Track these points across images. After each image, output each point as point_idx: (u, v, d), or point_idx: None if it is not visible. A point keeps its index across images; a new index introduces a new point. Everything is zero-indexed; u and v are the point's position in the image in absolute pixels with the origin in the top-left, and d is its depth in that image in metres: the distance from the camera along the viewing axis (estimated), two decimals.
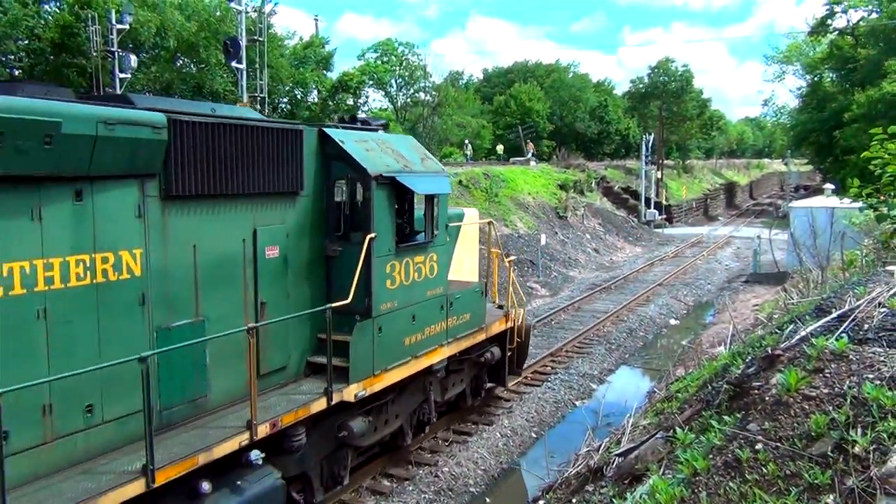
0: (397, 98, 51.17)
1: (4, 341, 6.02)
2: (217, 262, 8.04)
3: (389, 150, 10.25)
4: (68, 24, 28.44)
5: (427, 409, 11.82)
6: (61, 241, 6.43)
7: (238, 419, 7.74)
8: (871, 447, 3.89)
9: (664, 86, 67.06)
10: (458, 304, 11.58)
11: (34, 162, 6.05)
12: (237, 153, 8.03)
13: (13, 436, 5.93)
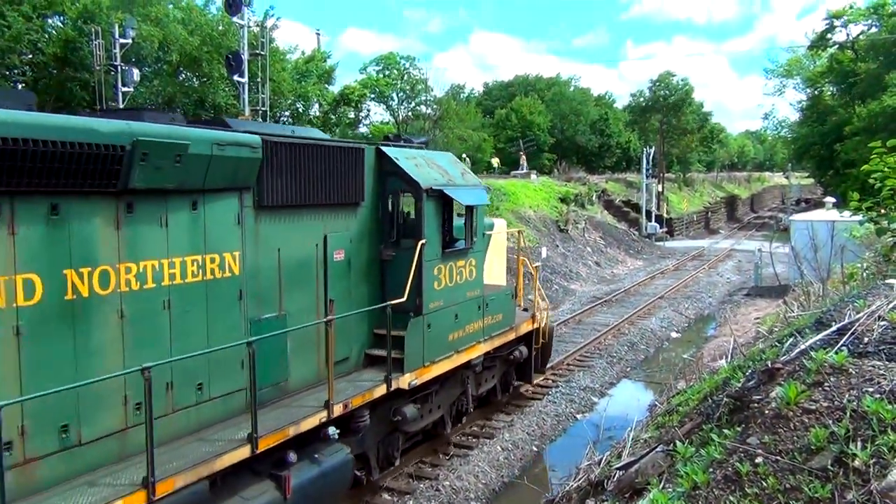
0: (399, 111, 51.33)
1: (139, 326, 7.24)
2: (296, 264, 9.33)
3: (434, 165, 11.58)
4: (71, 39, 28.61)
5: (465, 400, 13.09)
6: (181, 244, 7.67)
7: (315, 401, 8.92)
8: (871, 461, 3.88)
9: (665, 99, 67.30)
10: (493, 305, 12.82)
11: (167, 177, 7.24)
12: (313, 169, 9.29)
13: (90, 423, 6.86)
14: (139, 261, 7.20)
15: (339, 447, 9.20)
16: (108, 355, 6.95)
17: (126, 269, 7.10)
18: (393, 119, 51.18)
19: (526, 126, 59.52)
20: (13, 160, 5.91)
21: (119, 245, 7.04)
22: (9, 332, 6.16)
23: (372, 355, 10.54)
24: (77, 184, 6.52)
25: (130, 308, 7.15)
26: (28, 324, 6.29)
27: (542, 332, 15.08)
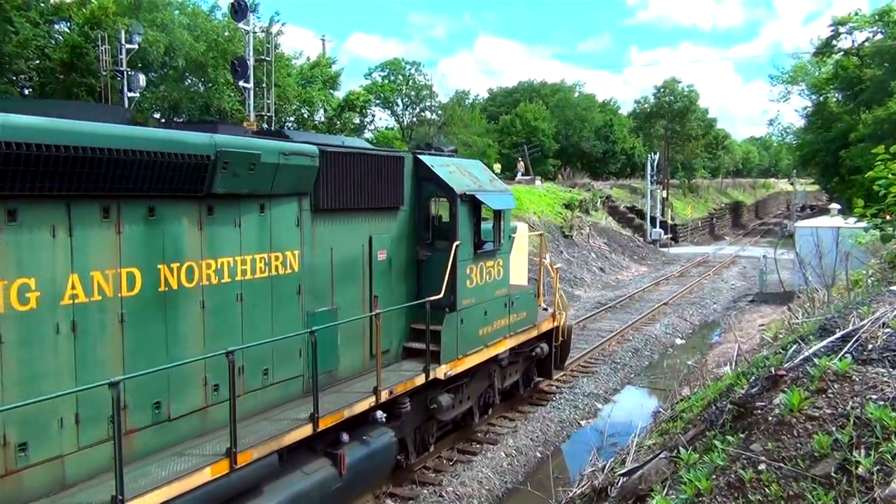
0: (403, 117, 51.45)
1: (217, 316, 8.10)
2: (345, 262, 10.18)
3: (466, 172, 12.47)
4: (78, 45, 28.76)
5: (491, 392, 13.91)
6: (251, 244, 8.54)
7: (363, 387, 9.77)
8: (874, 468, 3.87)
9: (669, 105, 67.29)
10: (518, 303, 13.64)
11: (242, 183, 8.14)
12: (360, 175, 10.14)
13: (223, 389, 7.87)
14: (217, 258, 8.11)
15: (384, 430, 10.08)
16: (191, 341, 7.81)
17: (207, 265, 8.00)
18: (398, 125, 51.28)
19: (530, 132, 59.56)
20: (122, 168, 6.75)
21: (201, 243, 7.93)
22: (115, 319, 7.04)
23: (409, 348, 11.42)
24: (170, 189, 7.37)
25: (210, 300, 8.03)
26: (130, 312, 7.15)
27: (562, 330, 15.85)
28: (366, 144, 11.64)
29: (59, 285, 6.49)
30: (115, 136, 6.71)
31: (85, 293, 6.72)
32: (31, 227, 6.29)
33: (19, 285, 6.17)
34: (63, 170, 6.26)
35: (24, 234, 6.21)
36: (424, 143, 13.75)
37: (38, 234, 6.33)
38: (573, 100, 70.82)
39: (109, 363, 6.92)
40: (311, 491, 8.60)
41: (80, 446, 6.63)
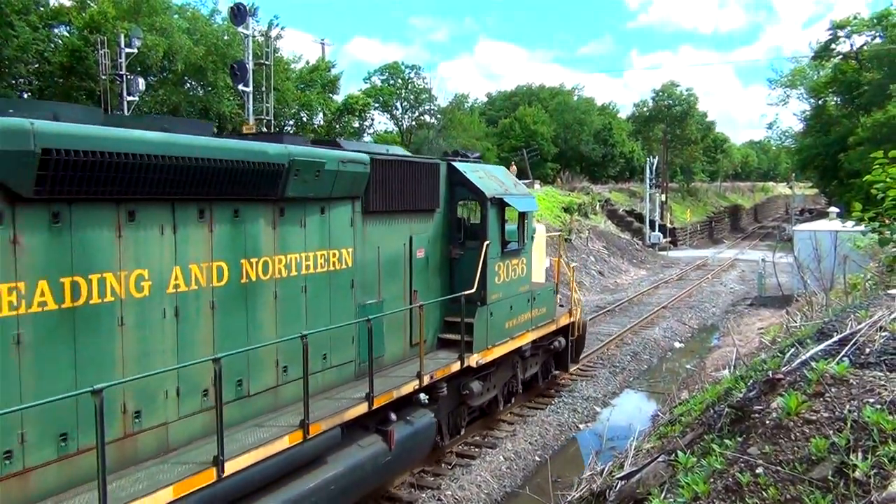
0: (402, 121, 51.47)
1: (286, 306, 9.06)
2: (390, 259, 11.14)
3: (493, 177, 13.42)
4: (77, 49, 28.78)
5: (514, 382, 14.83)
6: (314, 242, 9.52)
7: (406, 372, 10.72)
8: (871, 471, 3.88)
9: (668, 109, 67.36)
10: (539, 299, 14.63)
11: (309, 188, 9.14)
12: (403, 181, 11.12)
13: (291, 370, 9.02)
14: (287, 254, 9.10)
15: (425, 412, 11.07)
16: (266, 327, 8.75)
17: (279, 260, 8.99)
18: (397, 128, 51.30)
19: (529, 135, 59.60)
20: (214, 175, 7.68)
21: (274, 241, 8.90)
22: (207, 306, 8.01)
23: (442, 339, 12.36)
24: (251, 193, 8.38)
25: (281, 291, 9.02)
26: (219, 300, 8.12)
27: (577, 325, 16.89)
28: (405, 153, 12.57)
29: (165, 276, 7.48)
30: (210, 147, 7.70)
31: (185, 283, 7.72)
32: (146, 225, 7.26)
33: (136, 276, 7.18)
34: (170, 177, 7.21)
35: (140, 232, 7.21)
36: (452, 151, 14.65)
37: (150, 232, 7.32)
38: (572, 103, 70.86)
39: (203, 344, 7.93)
40: (366, 462, 9.59)
41: (180, 416, 7.66)
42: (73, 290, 6.57)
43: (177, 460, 7.24)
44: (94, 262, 6.76)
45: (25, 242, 6.20)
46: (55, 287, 6.42)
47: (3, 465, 6.01)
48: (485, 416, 14.36)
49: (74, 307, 6.59)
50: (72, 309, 6.56)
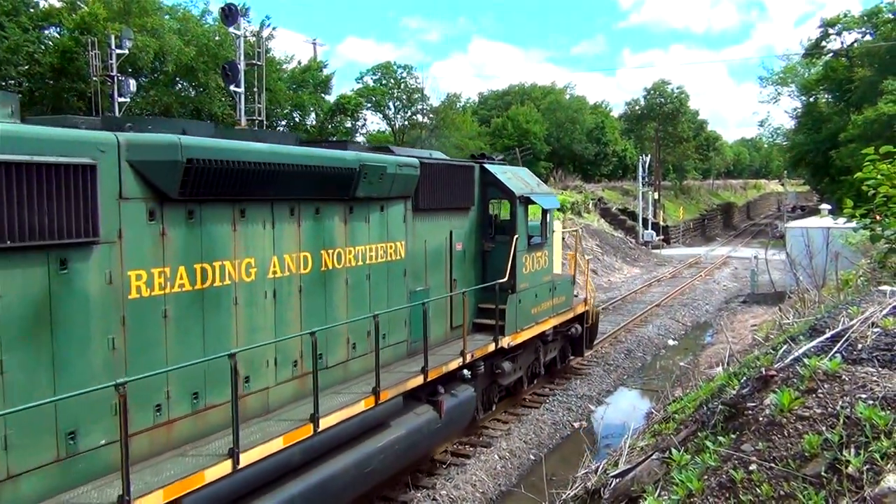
0: (395, 120, 51.41)
1: (355, 291, 10.45)
2: (434, 252, 12.53)
3: (518, 177, 14.89)
4: (68, 50, 28.65)
5: (537, 364, 16.30)
6: (375, 235, 10.86)
7: (451, 351, 12.07)
8: (864, 467, 3.89)
9: (660, 107, 67.48)
10: (559, 288, 16.08)
11: (374, 189, 10.50)
12: (444, 182, 12.52)
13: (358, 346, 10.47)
14: (355, 246, 10.45)
15: (467, 387, 12.39)
16: (339, 309, 10.13)
17: (349, 251, 10.34)
18: (389, 128, 51.24)
19: (522, 134, 59.60)
20: (302, 178, 9.05)
21: (345, 235, 10.26)
22: (296, 290, 9.37)
23: (477, 323, 13.55)
24: (329, 194, 9.80)
25: (351, 278, 10.40)
26: (305, 285, 9.51)
27: (591, 314, 18.34)
28: (445, 157, 13.79)
29: (266, 264, 8.87)
30: (301, 155, 9.12)
31: (280, 270, 9.11)
32: (253, 221, 8.62)
33: (246, 263, 8.54)
34: (271, 180, 8.55)
35: (248, 227, 8.55)
36: (479, 153, 16.05)
37: (255, 227, 8.68)
38: (564, 102, 70.90)
39: (293, 322, 9.28)
40: (421, 428, 10.94)
41: (277, 382, 9.02)
42: (203, 275, 7.98)
43: (279, 418, 8.64)
44: (216, 252, 8.13)
45: (170, 235, 7.54)
46: (190, 272, 7.79)
47: (155, 416, 7.38)
48: (510, 396, 15.69)
49: (203, 289, 7.98)
50: (202, 290, 7.95)
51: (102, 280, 6.85)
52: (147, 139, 7.25)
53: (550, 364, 17.23)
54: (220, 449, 7.41)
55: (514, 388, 15.56)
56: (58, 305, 6.45)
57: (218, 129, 9.14)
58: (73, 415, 6.50)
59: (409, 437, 10.58)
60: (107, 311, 6.89)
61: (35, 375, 6.29)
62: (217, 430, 7.91)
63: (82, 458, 6.60)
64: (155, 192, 7.30)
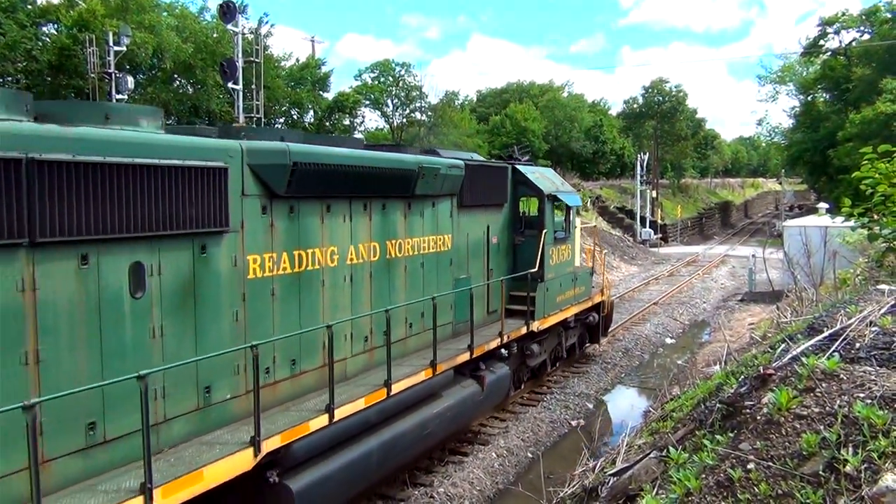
0: (393, 118, 51.36)
1: (412, 278, 11.81)
2: (474, 244, 13.89)
3: (545, 177, 16.30)
4: (66, 47, 28.57)
5: (559, 349, 17.71)
6: (428, 228, 12.25)
7: (489, 333, 13.35)
8: (862, 466, 3.89)
9: (658, 105, 67.47)
10: (580, 279, 17.49)
11: (429, 187, 11.91)
12: (483, 181, 13.87)
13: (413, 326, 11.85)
14: (412, 237, 11.76)
15: (503, 365, 13.72)
16: (399, 293, 11.42)
17: (407, 242, 11.66)
18: (388, 126, 51.20)
19: (520, 132, 59.53)
20: (373, 179, 10.44)
21: (405, 228, 11.60)
22: (367, 275, 10.73)
23: (508, 309, 14.25)
24: (394, 192, 11.18)
25: (409, 266, 11.75)
26: (374, 271, 10.87)
27: (606, 304, 19.67)
28: (482, 159, 15.39)
29: (345, 252, 10.25)
30: (374, 158, 10.63)
31: (356, 257, 10.47)
32: (335, 215, 9.98)
33: (331, 251, 9.93)
34: (350, 180, 9.98)
35: (332, 220, 9.94)
36: (507, 154, 17.46)
37: (337, 220, 10.04)
38: (563, 100, 70.80)
39: (365, 303, 10.65)
40: (467, 399, 12.30)
41: (352, 354, 10.28)
42: (299, 260, 9.37)
43: (357, 383, 9.95)
44: (309, 241, 9.52)
45: (277, 225, 8.96)
46: (291, 257, 9.21)
47: (264, 377, 8.40)
48: (534, 378, 17.00)
49: (300, 272, 9.40)
50: (299, 273, 9.37)
51: (230, 262, 8.31)
52: (263, 146, 8.66)
53: (570, 349, 18.50)
54: (318, 406, 8.80)
55: (538, 370, 16.87)
56: (199, 283, 7.88)
57: (306, 136, 10.35)
58: (209, 373, 7.93)
59: (457, 406, 11.96)
60: (233, 289, 8.35)
61: (183, 339, 7.68)
62: (308, 391, 9.31)
63: (214, 408, 8.04)
64: (267, 190, 8.74)
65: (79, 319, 6.65)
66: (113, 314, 6.96)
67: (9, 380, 6.06)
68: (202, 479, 6.92)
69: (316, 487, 8.61)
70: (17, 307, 6.17)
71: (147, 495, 6.21)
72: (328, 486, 8.86)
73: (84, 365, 6.67)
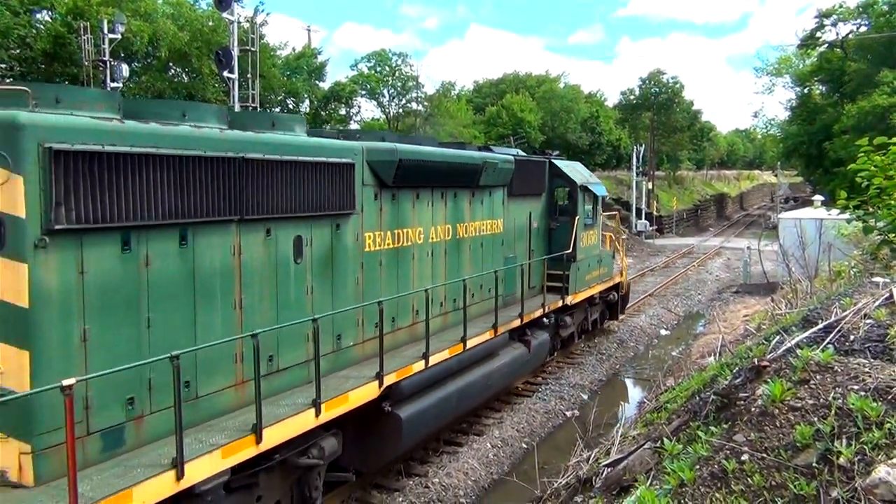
0: (389, 108, 51.19)
1: (474, 256, 14.04)
2: (520, 228, 16.12)
3: (575, 170, 18.67)
4: (60, 34, 28.38)
5: (585, 322, 19.85)
6: (486, 214, 14.41)
7: (532, 304, 15.34)
8: (855, 458, 3.91)
9: (655, 97, 67.36)
10: (603, 261, 19.86)
11: (489, 179, 14.02)
12: (527, 173, 16.04)
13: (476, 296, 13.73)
14: (474, 221, 13.96)
15: (543, 332, 15.86)
16: (465, 268, 13.59)
17: (471, 225, 13.87)
18: (384, 116, 51.04)
19: (517, 123, 59.38)
20: (445, 172, 12.51)
21: (469, 213, 13.79)
22: (442, 252, 12.92)
23: (546, 287, 16.26)
24: (463, 183, 13.29)
25: (472, 245, 13.97)
26: (448, 249, 13.13)
27: (624, 284, 22.13)
28: (523, 154, 17.46)
29: (428, 232, 12.44)
30: (450, 155, 12.90)
31: (435, 237, 12.68)
32: (423, 202, 12.19)
33: (418, 231, 12.11)
34: (435, 173, 12.20)
35: (421, 205, 12.16)
36: (540, 149, 19.38)
37: (423, 205, 12.27)
38: (559, 91, 70.60)
39: (441, 275, 12.78)
40: (518, 359, 14.40)
41: (431, 316, 11.26)
42: (398, 238, 11.57)
43: (439, 339, 11.82)
44: (405, 222, 11.71)
45: (384, 209, 11.15)
46: (392, 235, 11.39)
47: (374, 330, 10.25)
48: (564, 347, 19.02)
49: (398, 247, 11.59)
50: (397, 248, 11.56)
51: (354, 238, 10.47)
52: (378, 146, 10.87)
53: (593, 323, 20.57)
54: (415, 354, 10.92)
55: (567, 341, 18.92)
56: (334, 253, 10.06)
57: (399, 136, 12.44)
58: (340, 324, 9.99)
59: (510, 364, 14.06)
60: (355, 259, 10.53)
61: (324, 296, 9.85)
62: (402, 344, 11.38)
63: (343, 351, 10.19)
64: (379, 181, 10.93)
65: (264, 277, 8.78)
66: (284, 275, 9.12)
67: (226, 320, 8.17)
68: (348, 401, 9.22)
69: (416, 417, 10.73)
70: (231, 267, 8.26)
71: (317, 408, 8.48)
72: (424, 417, 11.02)
73: (267, 312, 8.78)
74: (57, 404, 5.79)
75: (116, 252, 6.94)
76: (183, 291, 7.64)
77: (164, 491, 6.44)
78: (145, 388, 7.14)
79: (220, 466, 7.14)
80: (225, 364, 8.07)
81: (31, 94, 6.57)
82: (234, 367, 8.19)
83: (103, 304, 6.83)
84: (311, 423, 8.48)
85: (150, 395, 7.19)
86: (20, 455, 6.22)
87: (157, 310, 7.33)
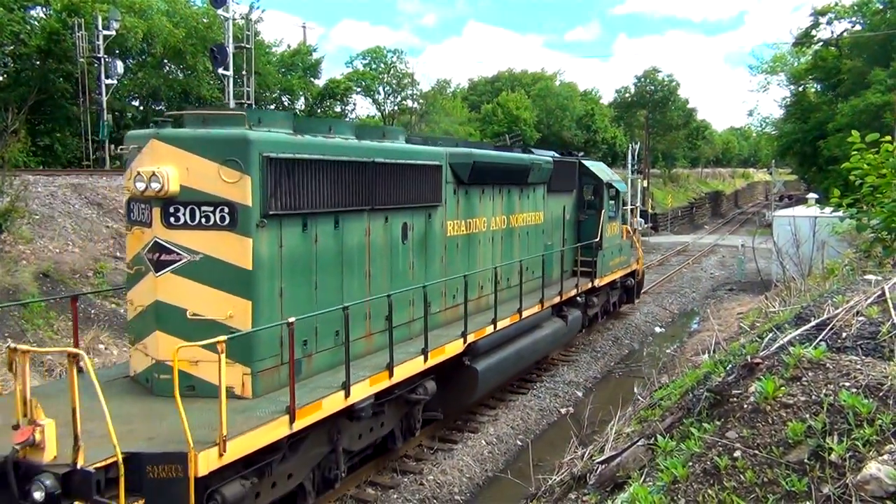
0: (385, 105, 51.16)
1: (522, 242, 16.24)
2: (556, 220, 18.29)
3: (600, 169, 21.13)
4: (55, 31, 28.31)
5: (607, 304, 22.17)
6: (530, 207, 16.57)
7: (568, 284, 17.56)
8: (846, 454, 3.93)
9: (650, 95, 67.43)
10: (623, 250, 22.23)
11: (534, 178, 16.28)
12: (562, 172, 18.15)
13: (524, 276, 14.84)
14: (522, 213, 16.09)
15: (576, 310, 18.07)
16: (515, 252, 15.70)
17: (519, 216, 15.99)
18: (379, 113, 51.00)
19: (512, 121, 59.37)
20: (503, 171, 14.82)
21: (518, 206, 15.93)
22: (499, 239, 15.11)
23: (575, 271, 18.81)
24: (515, 181, 15.50)
25: (520, 234, 16.13)
26: (503, 236, 15.31)
27: (640, 271, 24.41)
28: (556, 154, 19.14)
29: (489, 221, 14.62)
30: (506, 157, 15.32)
31: (494, 225, 14.85)
32: (487, 196, 14.44)
33: (483, 220, 14.34)
34: (495, 173, 14.45)
35: (485, 199, 14.38)
36: (567, 151, 22.56)
37: (487, 199, 14.47)
38: (555, 89, 70.60)
39: (497, 258, 14.89)
40: (557, 331, 16.54)
41: (479, 296, 14.00)
42: (469, 226, 13.80)
43: (500, 309, 13.43)
44: (474, 213, 13.96)
45: (460, 202, 13.39)
46: (465, 223, 13.66)
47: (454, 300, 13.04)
48: (589, 326, 20.83)
49: (469, 234, 13.84)
50: (468, 234, 13.82)
51: (440, 225, 12.75)
52: (457, 151, 13.24)
53: (614, 305, 22.98)
54: (485, 321, 13.09)
55: (593, 319, 20.88)
56: (427, 237, 12.29)
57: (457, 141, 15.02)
58: (430, 294, 11.44)
59: (552, 335, 16.18)
60: (441, 242, 12.81)
61: (420, 271, 12.09)
62: (470, 314, 12.63)
63: (432, 317, 11.55)
64: (458, 179, 13.14)
65: (383, 254, 11.06)
66: (395, 252, 11.40)
67: (359, 286, 10.50)
68: (444, 352, 11.49)
69: (488, 370, 12.90)
70: (363, 245, 10.61)
71: (425, 356, 10.77)
72: (493, 371, 13.18)
73: (384, 281, 11.07)
74: (267, 340, 8.63)
75: (299, 231, 9.30)
76: (335, 262, 10.01)
77: (338, 404, 8.83)
78: (313, 334, 9.45)
79: (369, 391, 9.50)
80: (358, 320, 10.12)
81: (246, 118, 8.76)
82: (364, 323, 10.49)
83: (292, 269, 9.15)
84: (420, 367, 10.73)
85: (317, 339, 9.53)
86: (243, 375, 8.46)
87: (321, 275, 9.70)
